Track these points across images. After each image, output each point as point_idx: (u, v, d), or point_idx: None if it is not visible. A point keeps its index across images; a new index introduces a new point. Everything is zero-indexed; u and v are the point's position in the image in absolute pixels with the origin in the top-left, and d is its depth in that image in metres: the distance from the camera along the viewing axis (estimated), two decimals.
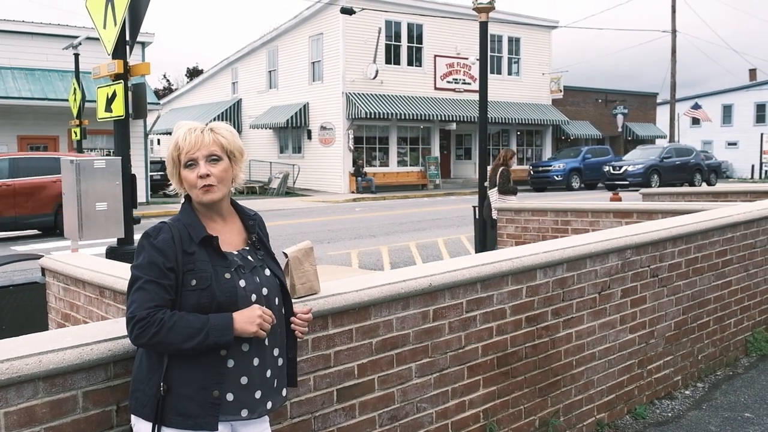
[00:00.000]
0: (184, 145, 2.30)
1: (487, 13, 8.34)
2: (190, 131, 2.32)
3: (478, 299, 3.75)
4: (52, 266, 4.44)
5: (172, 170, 2.35)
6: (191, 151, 2.30)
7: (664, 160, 28.76)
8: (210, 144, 2.31)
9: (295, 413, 2.98)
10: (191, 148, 2.30)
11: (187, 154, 2.30)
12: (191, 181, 2.30)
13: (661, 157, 29.17)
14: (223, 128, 2.38)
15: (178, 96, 43.68)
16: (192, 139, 2.30)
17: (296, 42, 31.94)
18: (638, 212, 7.72)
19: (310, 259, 3.00)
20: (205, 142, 2.31)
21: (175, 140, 2.33)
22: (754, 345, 6.12)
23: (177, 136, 2.33)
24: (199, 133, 2.32)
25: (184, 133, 2.32)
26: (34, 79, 22.63)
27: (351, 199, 25.61)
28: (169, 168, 2.36)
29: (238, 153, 2.39)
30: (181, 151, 2.31)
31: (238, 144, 2.39)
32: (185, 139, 2.31)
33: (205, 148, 2.30)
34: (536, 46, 35.50)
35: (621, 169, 29.06)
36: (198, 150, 2.30)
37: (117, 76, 6.33)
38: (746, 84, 53.10)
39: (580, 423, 4.44)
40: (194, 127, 2.34)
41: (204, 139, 2.31)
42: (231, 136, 2.37)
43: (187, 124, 2.36)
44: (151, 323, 2.13)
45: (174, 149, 2.32)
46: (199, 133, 2.32)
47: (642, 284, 4.88)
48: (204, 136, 2.32)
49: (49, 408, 2.28)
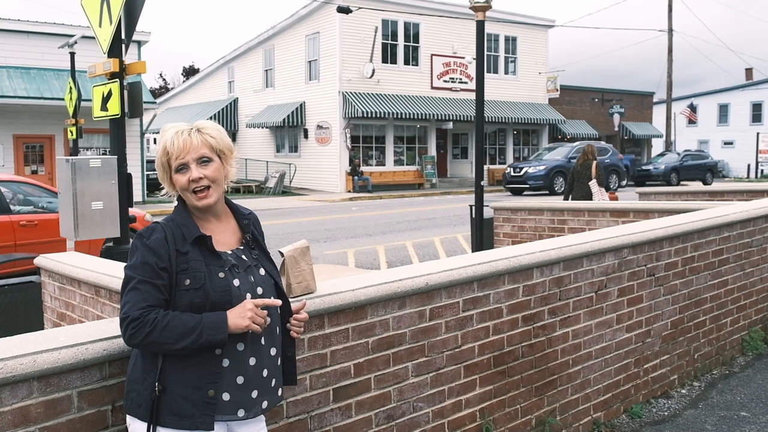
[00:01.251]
0: (173, 150, 2.26)
1: (483, 12, 8.32)
2: (177, 134, 2.28)
3: (474, 298, 3.75)
4: (48, 265, 4.42)
5: (163, 175, 2.32)
6: (181, 155, 2.26)
7: (572, 160, 24.87)
8: (199, 146, 2.28)
9: (291, 413, 2.98)
10: (180, 153, 2.26)
11: (177, 159, 2.26)
12: (183, 184, 2.28)
13: (569, 156, 26.72)
14: (211, 127, 2.34)
15: (175, 95, 43.62)
16: (180, 142, 2.26)
17: (293, 41, 31.91)
18: (635, 211, 7.73)
19: (307, 259, 2.99)
20: (194, 145, 2.27)
21: (163, 145, 2.28)
22: (750, 344, 6.13)
23: (164, 140, 2.28)
24: (187, 135, 2.28)
25: (171, 137, 2.28)
26: (29, 78, 22.57)
27: (347, 199, 25.60)
28: (160, 173, 2.33)
29: (228, 151, 2.36)
30: (170, 156, 2.27)
31: (227, 142, 2.36)
32: (173, 143, 2.26)
33: (194, 151, 2.27)
34: (533, 46, 35.53)
35: (521, 171, 26.72)
36: (188, 153, 2.26)
37: (113, 75, 6.31)
38: (742, 83, 53.21)
39: (577, 422, 4.45)
40: (181, 130, 2.29)
41: (192, 142, 2.27)
42: (219, 135, 2.34)
43: (173, 127, 2.31)
44: (145, 323, 2.12)
45: (163, 154, 2.28)
46: (186, 136, 2.27)
47: (638, 283, 4.88)
48: (192, 138, 2.28)
49: (43, 408, 2.27)
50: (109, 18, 6.21)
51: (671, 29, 36.20)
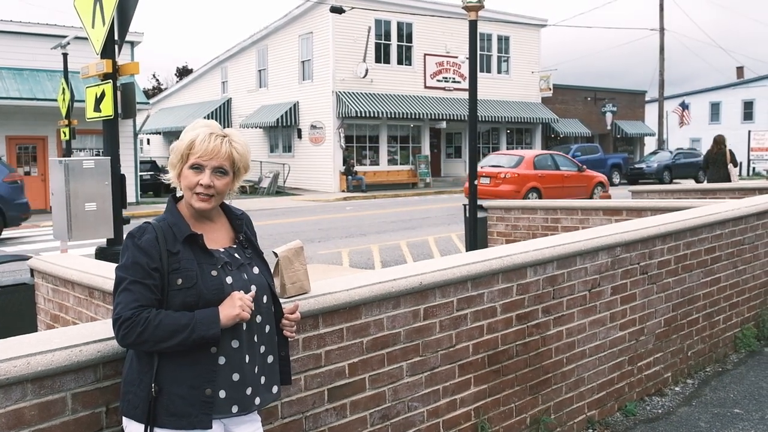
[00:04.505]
0: (199, 149, 2.27)
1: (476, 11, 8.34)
2: (210, 136, 2.29)
3: (468, 297, 3.76)
4: (41, 267, 4.41)
5: (175, 162, 2.33)
6: (204, 156, 2.28)
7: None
8: (224, 156, 2.30)
9: (286, 413, 2.98)
10: (205, 154, 2.27)
11: (199, 158, 2.28)
12: (191, 183, 2.29)
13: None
14: (240, 142, 2.36)
15: (168, 95, 43.50)
16: (210, 146, 2.27)
17: (286, 41, 31.87)
18: (627, 210, 7.75)
19: (301, 259, 2.99)
20: (221, 154, 2.29)
21: (192, 139, 2.29)
22: (743, 341, 6.15)
23: (195, 135, 2.29)
24: (219, 142, 2.29)
25: (204, 136, 2.29)
26: (22, 78, 22.48)
27: (341, 198, 25.59)
28: (173, 158, 2.33)
29: (244, 170, 2.39)
30: (193, 151, 2.28)
31: (247, 160, 2.38)
32: (203, 143, 2.28)
33: (216, 160, 2.28)
34: (525, 45, 35.58)
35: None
36: (210, 159, 2.28)
37: (106, 76, 6.28)
38: (734, 82, 53.41)
39: (571, 420, 4.46)
40: (215, 133, 2.31)
41: (221, 150, 2.29)
42: (244, 151, 2.36)
43: (208, 127, 2.33)
44: (137, 323, 2.12)
45: (187, 147, 2.29)
46: (218, 143, 2.29)
47: (632, 281, 4.90)
48: (222, 146, 2.29)
49: (37, 410, 2.27)
50: (102, 19, 6.19)
51: (663, 28, 36.29)
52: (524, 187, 18.80)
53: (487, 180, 18.70)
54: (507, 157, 20.52)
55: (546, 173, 19.64)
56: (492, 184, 18.70)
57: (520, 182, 18.80)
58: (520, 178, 18.89)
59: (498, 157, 21.13)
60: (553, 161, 20.51)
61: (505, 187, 18.53)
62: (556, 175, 19.87)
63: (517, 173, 19.04)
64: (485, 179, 18.57)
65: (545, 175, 19.52)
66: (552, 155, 21.09)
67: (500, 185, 18.65)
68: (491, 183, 18.77)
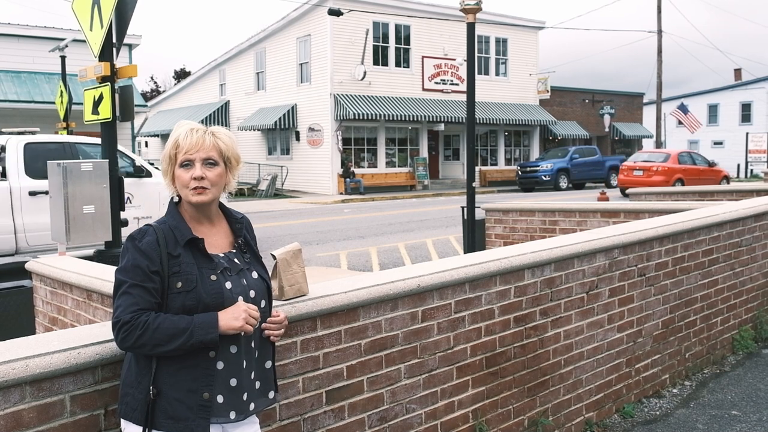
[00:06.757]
0: (184, 145, 2.29)
1: (474, 14, 8.35)
2: (191, 131, 2.32)
3: (466, 300, 3.76)
4: (39, 270, 4.41)
5: (166, 168, 2.34)
6: (190, 151, 2.29)
7: None
8: (209, 147, 2.31)
9: (284, 415, 2.98)
10: (190, 148, 2.29)
11: (186, 153, 2.29)
12: (184, 180, 2.30)
13: None
14: (224, 133, 2.38)
15: (166, 98, 43.49)
16: (193, 139, 2.30)
17: (284, 43, 31.88)
18: (625, 212, 7.76)
19: (299, 261, 2.99)
20: (205, 145, 2.30)
21: (176, 138, 2.32)
22: (740, 343, 6.16)
23: (178, 134, 2.32)
24: (201, 134, 2.32)
25: (185, 132, 2.32)
26: (20, 81, 22.47)
27: (339, 201, 25.59)
28: (164, 165, 2.35)
29: (235, 160, 2.39)
30: (179, 149, 2.30)
31: (236, 152, 2.39)
32: (186, 138, 2.30)
33: (203, 151, 2.30)
34: (523, 47, 35.61)
35: None
36: (197, 151, 2.29)
37: (104, 79, 6.29)
38: (732, 84, 53.52)
39: (569, 422, 4.46)
40: (196, 128, 2.33)
41: (204, 142, 2.31)
42: (230, 143, 2.37)
43: (188, 124, 2.35)
44: (136, 326, 2.13)
45: (173, 147, 2.31)
46: (200, 135, 2.31)
47: (629, 283, 4.91)
48: (205, 138, 2.31)
49: (36, 413, 2.27)
50: (100, 22, 6.20)
51: (660, 30, 36.34)
52: (672, 178, 22.85)
53: (641, 172, 23.25)
54: (655, 154, 25.08)
55: (687, 167, 23.77)
56: (645, 176, 23.00)
57: (669, 174, 22.90)
58: (669, 171, 23.10)
59: (646, 155, 25.61)
60: (691, 158, 24.92)
61: (657, 177, 22.75)
62: (695, 169, 23.99)
63: (666, 167, 23.17)
64: (638, 172, 23.34)
65: (687, 169, 23.66)
66: (690, 153, 25.59)
67: (653, 176, 22.84)
68: (644, 175, 23.08)
